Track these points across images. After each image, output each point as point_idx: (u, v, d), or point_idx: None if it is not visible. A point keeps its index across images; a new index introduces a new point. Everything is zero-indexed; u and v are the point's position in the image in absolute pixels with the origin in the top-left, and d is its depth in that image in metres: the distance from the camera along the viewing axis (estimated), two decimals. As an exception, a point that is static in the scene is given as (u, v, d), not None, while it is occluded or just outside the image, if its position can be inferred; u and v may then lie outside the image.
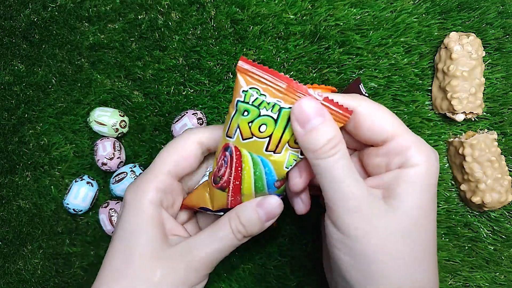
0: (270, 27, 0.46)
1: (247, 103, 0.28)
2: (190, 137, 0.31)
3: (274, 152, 0.28)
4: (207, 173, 0.34)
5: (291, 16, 0.46)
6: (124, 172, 0.44)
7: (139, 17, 0.48)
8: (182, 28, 0.47)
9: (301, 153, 0.29)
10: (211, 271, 0.31)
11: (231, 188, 0.30)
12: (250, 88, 0.28)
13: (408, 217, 0.27)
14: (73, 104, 0.48)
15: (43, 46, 0.48)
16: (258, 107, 0.27)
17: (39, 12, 0.48)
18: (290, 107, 0.27)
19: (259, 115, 0.28)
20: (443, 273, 0.45)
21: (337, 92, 0.45)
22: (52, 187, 0.47)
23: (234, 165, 0.29)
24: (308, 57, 0.46)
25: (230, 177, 0.30)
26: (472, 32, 0.45)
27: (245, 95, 0.28)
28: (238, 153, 0.29)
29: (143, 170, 0.45)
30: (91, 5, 0.48)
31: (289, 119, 0.28)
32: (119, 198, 0.46)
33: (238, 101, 0.28)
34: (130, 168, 0.45)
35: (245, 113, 0.28)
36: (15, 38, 0.48)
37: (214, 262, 0.30)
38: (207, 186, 0.33)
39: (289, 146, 0.29)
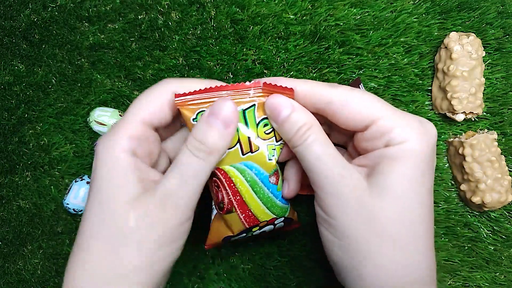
0: (270, 27, 0.46)
1: None
2: (165, 86, 0.30)
3: (251, 152, 0.29)
4: (213, 208, 0.35)
5: (291, 16, 0.46)
6: (124, 172, 0.44)
7: (139, 17, 0.48)
8: (182, 28, 0.47)
9: (276, 140, 0.30)
10: (190, 208, 0.28)
11: (236, 207, 0.30)
12: (197, 114, 0.29)
13: (391, 194, 0.26)
14: (73, 104, 0.48)
15: (43, 46, 0.48)
16: None
17: (39, 12, 0.48)
18: (240, 109, 0.29)
19: None
20: (442, 273, 0.45)
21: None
22: (52, 187, 0.47)
23: (225, 184, 0.30)
24: (308, 57, 0.46)
25: (229, 197, 0.30)
26: (472, 32, 0.45)
27: (196, 121, 0.29)
28: (222, 172, 0.30)
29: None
30: (91, 5, 0.48)
31: (245, 117, 0.29)
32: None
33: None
34: (130, 168, 0.45)
35: None
36: (15, 38, 0.48)
37: (185, 194, 0.27)
38: (219, 218, 0.33)
39: (261, 139, 0.30)
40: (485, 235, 0.45)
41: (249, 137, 0.29)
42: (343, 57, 0.46)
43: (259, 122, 0.29)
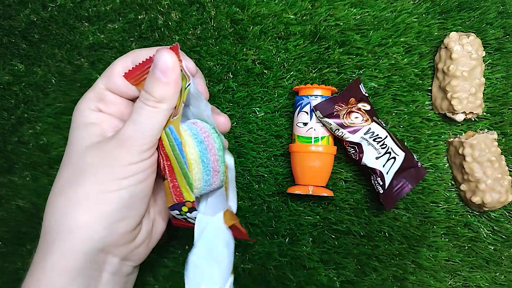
0: (270, 27, 0.46)
1: None
2: (126, 55, 0.33)
3: (174, 115, 0.30)
4: None
5: (291, 16, 0.46)
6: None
7: (139, 17, 0.47)
8: (182, 28, 0.47)
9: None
10: (145, 149, 0.30)
11: (167, 173, 0.30)
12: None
13: None
14: (72, 104, 0.47)
15: (43, 46, 0.48)
16: None
17: (38, 12, 0.48)
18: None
19: None
20: (443, 273, 0.45)
21: (337, 92, 0.45)
22: (51, 187, 0.47)
23: (159, 146, 0.31)
24: (308, 57, 0.46)
25: (163, 161, 0.30)
26: (472, 32, 0.45)
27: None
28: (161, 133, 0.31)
29: None
30: (91, 5, 0.48)
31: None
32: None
33: None
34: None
35: None
36: (15, 37, 0.48)
37: (141, 139, 0.29)
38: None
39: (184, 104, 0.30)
40: (485, 235, 0.45)
41: (178, 104, 0.30)
42: (343, 57, 0.46)
43: (186, 87, 0.30)
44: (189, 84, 0.30)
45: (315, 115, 0.43)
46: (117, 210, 0.29)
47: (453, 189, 0.46)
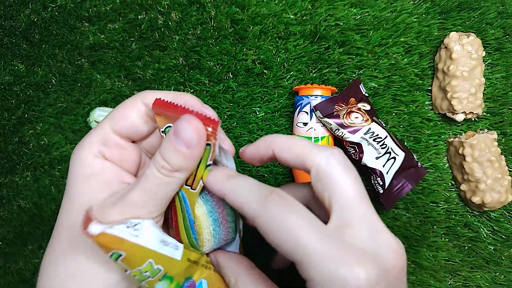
0: (270, 27, 0.46)
1: None
2: (135, 96, 0.30)
3: (191, 187, 0.28)
4: None
5: (291, 16, 0.46)
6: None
7: (139, 17, 0.48)
8: (182, 28, 0.47)
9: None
10: (155, 219, 0.28)
11: (173, 227, 0.29)
12: (166, 128, 0.28)
13: None
14: (73, 104, 0.48)
15: (43, 46, 0.48)
16: None
17: (39, 12, 0.48)
18: None
19: None
20: (443, 273, 0.45)
21: (337, 92, 0.45)
22: (52, 187, 0.47)
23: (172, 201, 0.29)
24: (308, 57, 0.46)
25: (171, 214, 0.29)
26: (472, 32, 0.45)
27: (164, 134, 0.28)
28: None
29: None
30: (91, 5, 0.48)
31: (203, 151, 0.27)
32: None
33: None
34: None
35: None
36: (15, 38, 0.48)
37: (150, 205, 0.27)
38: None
39: (203, 183, 0.27)
40: (485, 235, 0.45)
41: (196, 172, 0.27)
42: (343, 57, 0.46)
43: (208, 165, 0.27)
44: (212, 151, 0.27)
45: (315, 115, 0.43)
46: (118, 282, 0.27)
47: (453, 189, 0.46)
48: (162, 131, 0.28)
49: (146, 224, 0.25)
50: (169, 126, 0.28)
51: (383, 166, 0.42)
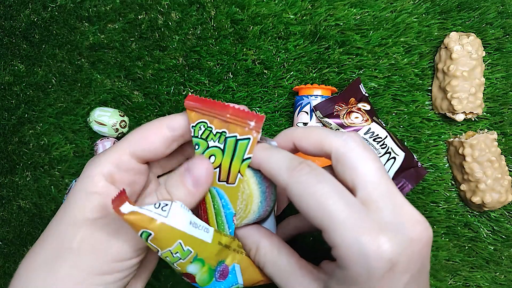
0: (270, 27, 0.46)
1: (197, 137, 0.28)
2: (160, 120, 0.30)
3: (227, 182, 0.28)
4: None
5: (291, 16, 0.46)
6: (124, 172, 0.44)
7: (139, 17, 0.48)
8: (182, 28, 0.47)
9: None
10: (137, 248, 0.28)
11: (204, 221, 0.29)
12: (198, 123, 0.28)
13: None
14: (73, 104, 0.48)
15: (43, 46, 0.48)
16: (206, 139, 0.28)
17: (39, 12, 0.48)
18: (234, 136, 0.27)
19: (208, 147, 0.28)
20: (443, 272, 0.45)
21: (337, 92, 0.45)
22: (52, 187, 0.47)
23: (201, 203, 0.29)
24: (308, 57, 0.46)
25: (201, 211, 0.29)
26: (472, 32, 0.45)
27: (194, 130, 0.28)
28: None
29: None
30: (91, 5, 0.48)
31: (235, 148, 0.27)
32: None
33: (191, 136, 0.29)
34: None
35: (196, 147, 0.28)
36: (15, 38, 0.48)
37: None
38: None
39: (241, 175, 0.28)
40: (485, 235, 0.45)
41: (230, 167, 0.28)
42: (343, 57, 0.46)
43: (245, 159, 0.27)
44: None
45: (315, 115, 0.43)
46: None
47: (453, 189, 0.46)
48: (192, 126, 0.28)
49: (175, 206, 0.26)
50: (202, 122, 0.28)
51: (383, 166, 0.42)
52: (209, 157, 0.28)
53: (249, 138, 0.27)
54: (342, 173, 0.25)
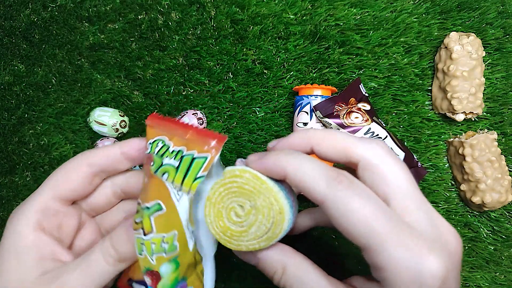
0: (270, 27, 0.46)
1: (152, 153, 0.28)
2: (79, 159, 0.29)
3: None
4: None
5: (291, 16, 0.46)
6: (124, 172, 0.44)
7: (139, 17, 0.48)
8: (182, 28, 0.47)
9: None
10: None
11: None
12: (156, 140, 0.28)
13: None
14: (73, 104, 0.48)
15: (43, 46, 0.48)
16: (161, 156, 0.27)
17: (39, 12, 0.48)
18: (191, 154, 0.27)
19: (161, 165, 0.27)
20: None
21: (337, 92, 0.45)
22: (52, 187, 0.47)
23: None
24: (308, 57, 0.46)
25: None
26: (472, 32, 0.45)
27: (151, 146, 0.28)
28: None
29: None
30: (91, 5, 0.48)
31: (190, 165, 0.26)
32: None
33: (146, 153, 0.28)
34: (130, 168, 0.45)
35: (151, 163, 0.28)
36: (15, 38, 0.48)
37: None
38: None
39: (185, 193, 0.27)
40: (485, 235, 0.45)
41: (182, 185, 0.26)
42: (343, 57, 0.46)
43: (198, 177, 0.26)
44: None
45: (315, 115, 0.43)
46: None
47: (453, 189, 0.46)
48: (150, 143, 0.28)
49: (185, 198, 0.25)
50: (160, 139, 0.28)
51: (383, 166, 0.42)
52: (162, 175, 0.27)
53: (206, 157, 0.26)
54: (372, 183, 0.24)
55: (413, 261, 0.21)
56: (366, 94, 0.45)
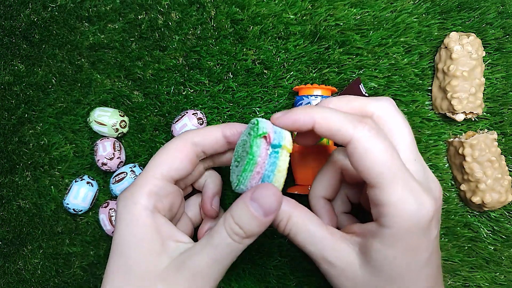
0: (270, 27, 0.46)
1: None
2: (184, 139, 0.30)
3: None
4: None
5: (291, 16, 0.46)
6: (124, 172, 0.44)
7: (139, 17, 0.48)
8: (182, 28, 0.47)
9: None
10: (217, 282, 0.28)
11: None
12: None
13: (384, 275, 0.26)
14: (73, 104, 0.48)
15: (43, 46, 0.48)
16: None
17: (39, 12, 0.48)
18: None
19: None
20: (443, 272, 0.45)
21: (337, 92, 0.45)
22: (52, 187, 0.47)
23: None
24: (308, 57, 0.46)
25: None
26: (472, 32, 0.45)
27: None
28: None
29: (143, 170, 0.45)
30: (91, 5, 0.48)
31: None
32: (119, 198, 0.46)
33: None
34: (130, 168, 0.45)
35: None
36: (15, 38, 0.48)
37: (216, 272, 0.27)
38: None
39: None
40: (485, 235, 0.45)
41: None
42: (343, 57, 0.46)
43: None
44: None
45: (315, 115, 0.43)
46: None
47: (453, 189, 0.46)
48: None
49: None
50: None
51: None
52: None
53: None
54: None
55: (413, 201, 0.25)
56: (366, 94, 0.45)
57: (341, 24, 0.46)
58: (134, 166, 0.45)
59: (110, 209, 0.44)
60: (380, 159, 0.25)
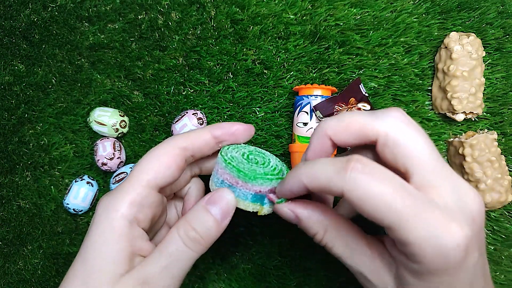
0: (270, 27, 0.46)
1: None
2: (172, 144, 0.28)
3: None
4: None
5: (291, 16, 0.46)
6: (124, 172, 0.44)
7: (139, 17, 0.48)
8: (182, 28, 0.47)
9: None
10: None
11: None
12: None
13: None
14: (73, 104, 0.48)
15: (43, 46, 0.48)
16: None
17: (39, 12, 0.48)
18: None
19: None
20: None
21: (337, 92, 0.45)
22: (52, 187, 0.47)
23: None
24: (308, 57, 0.46)
25: None
26: (472, 32, 0.45)
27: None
28: None
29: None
30: (91, 5, 0.48)
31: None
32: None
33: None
34: (130, 168, 0.45)
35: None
36: (15, 38, 0.48)
37: (167, 281, 0.26)
38: None
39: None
40: (485, 235, 0.45)
41: None
42: (343, 57, 0.46)
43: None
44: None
45: (315, 115, 0.43)
46: None
47: (453, 189, 0.46)
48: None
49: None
50: None
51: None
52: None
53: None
54: (392, 159, 0.24)
55: (434, 235, 0.21)
56: (366, 94, 0.45)
57: (341, 24, 0.46)
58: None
59: (110, 209, 0.44)
60: (379, 203, 0.22)
